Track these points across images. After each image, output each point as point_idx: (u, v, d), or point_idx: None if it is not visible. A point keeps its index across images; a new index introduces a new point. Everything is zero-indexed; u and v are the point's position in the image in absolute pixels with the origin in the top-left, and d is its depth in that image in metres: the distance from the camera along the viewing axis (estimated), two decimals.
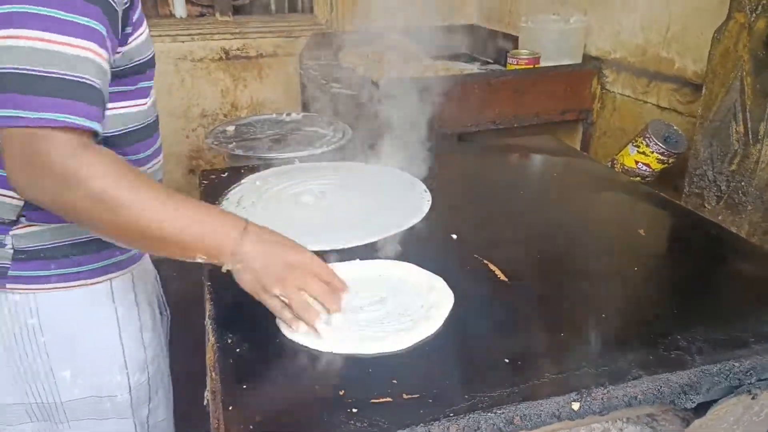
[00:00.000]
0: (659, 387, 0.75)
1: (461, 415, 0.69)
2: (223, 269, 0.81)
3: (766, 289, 0.96)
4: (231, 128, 2.01)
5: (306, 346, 0.81)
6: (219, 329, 0.84)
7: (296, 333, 0.82)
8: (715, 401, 0.80)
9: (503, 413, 0.71)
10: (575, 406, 0.73)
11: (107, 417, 1.03)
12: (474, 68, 2.58)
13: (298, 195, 1.32)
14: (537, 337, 0.83)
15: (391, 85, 1.93)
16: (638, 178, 1.46)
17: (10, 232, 0.90)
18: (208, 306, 0.92)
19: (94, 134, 0.73)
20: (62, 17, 0.70)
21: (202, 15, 2.78)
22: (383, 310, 0.90)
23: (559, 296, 0.95)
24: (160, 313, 1.15)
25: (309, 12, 2.92)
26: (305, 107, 2.84)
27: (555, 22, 2.16)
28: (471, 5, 3.06)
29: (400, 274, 1.00)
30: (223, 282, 0.97)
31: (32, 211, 0.88)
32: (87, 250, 0.94)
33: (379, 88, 1.97)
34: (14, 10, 0.68)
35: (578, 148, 2.18)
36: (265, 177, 1.43)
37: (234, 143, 1.83)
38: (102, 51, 0.74)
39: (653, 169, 1.43)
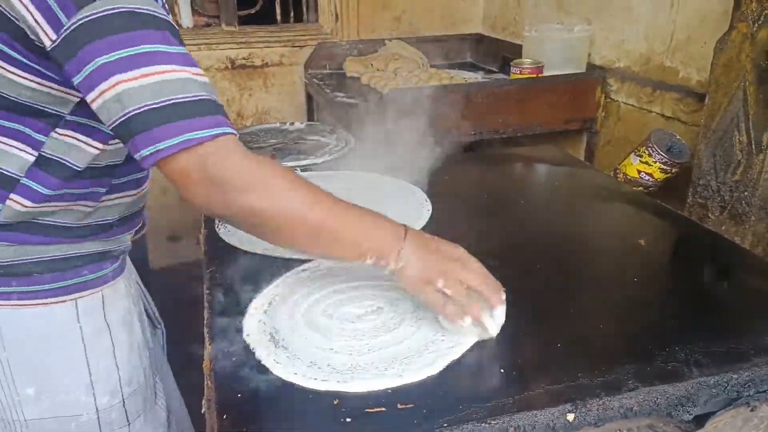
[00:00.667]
0: (655, 399, 0.75)
1: (455, 426, 0.69)
2: (386, 271, 0.84)
3: (766, 301, 0.95)
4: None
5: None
6: (215, 337, 0.85)
7: (462, 325, 0.81)
8: (713, 413, 0.79)
9: (497, 424, 0.70)
10: (570, 417, 0.72)
11: None
12: (478, 77, 2.58)
13: None
14: (534, 347, 0.83)
15: (394, 94, 1.93)
16: (641, 188, 1.45)
17: None
18: (205, 314, 0.92)
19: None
20: (176, 51, 0.75)
21: (208, 25, 2.80)
22: (379, 320, 0.90)
23: (557, 306, 0.94)
24: (154, 327, 1.14)
25: (314, 22, 2.94)
26: (310, 116, 2.87)
27: (559, 31, 2.16)
28: (476, 14, 3.07)
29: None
30: (219, 290, 0.98)
31: (6, 231, 0.87)
32: (51, 268, 0.92)
33: (383, 97, 1.98)
34: (139, 51, 0.72)
35: (582, 158, 2.18)
36: None
37: None
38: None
39: (656, 179, 1.42)
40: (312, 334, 0.87)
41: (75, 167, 0.88)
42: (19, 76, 0.80)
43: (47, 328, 0.94)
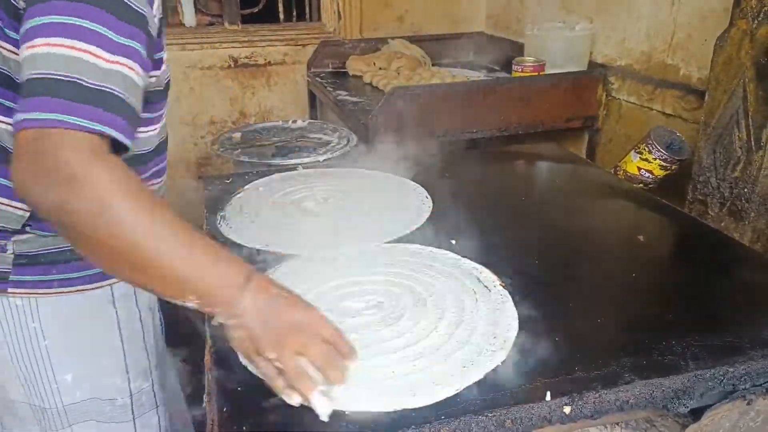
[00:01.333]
0: (651, 392, 0.76)
1: (453, 418, 0.70)
2: (214, 321, 0.72)
3: (763, 295, 0.96)
4: (237, 135, 2.04)
5: None
6: (216, 332, 0.86)
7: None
8: (709, 406, 0.80)
9: (494, 416, 0.71)
10: (567, 409, 0.73)
11: (107, 420, 1.03)
12: (481, 76, 2.59)
13: (300, 201, 1.34)
14: (531, 341, 0.83)
15: (396, 92, 1.94)
16: (641, 185, 1.46)
17: (12, 238, 0.91)
18: None
19: (114, 144, 0.70)
20: (105, 33, 0.70)
21: (211, 24, 2.82)
22: (380, 314, 0.91)
23: (556, 301, 0.95)
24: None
25: (317, 21, 2.95)
26: (313, 115, 2.88)
27: (560, 29, 2.16)
28: (479, 13, 3.07)
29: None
30: None
31: (38, 221, 0.89)
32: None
33: (385, 95, 1.99)
34: (69, 21, 0.68)
35: (584, 155, 2.18)
36: (268, 183, 1.45)
37: (240, 150, 1.85)
38: (138, 68, 0.73)
39: (656, 176, 1.43)
40: None
41: None
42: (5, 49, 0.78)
43: (86, 313, 0.97)
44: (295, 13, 2.95)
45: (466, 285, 0.99)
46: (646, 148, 1.42)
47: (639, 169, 1.45)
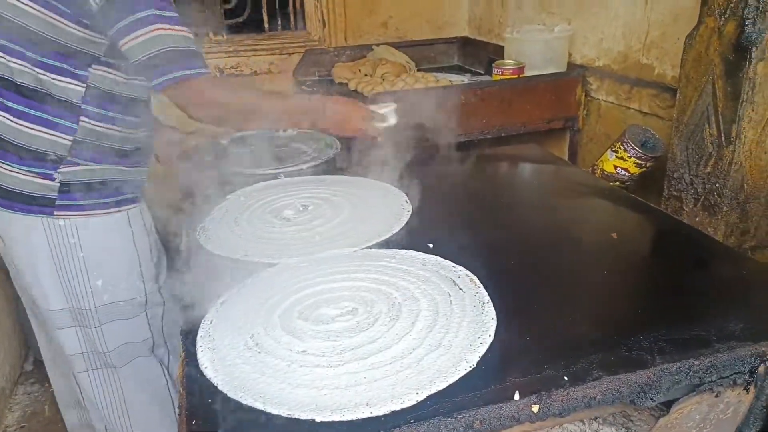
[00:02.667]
0: (618, 387, 0.77)
1: (421, 422, 0.71)
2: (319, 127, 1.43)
3: (733, 289, 0.97)
4: (224, 143, 2.04)
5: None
6: (190, 344, 0.87)
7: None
8: (678, 400, 0.81)
9: (463, 418, 0.72)
10: (535, 408, 0.75)
11: (128, 317, 1.36)
12: (464, 79, 2.61)
13: (280, 209, 1.35)
14: (502, 341, 0.85)
15: (378, 98, 1.96)
16: (618, 183, 1.48)
17: (58, 169, 1.22)
18: (180, 320, 0.95)
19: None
20: (171, 15, 1.15)
21: (195, 35, 2.83)
22: (354, 320, 0.93)
23: (528, 301, 0.97)
24: None
25: (302, 29, 2.97)
26: None
27: (540, 31, 2.19)
28: (461, 17, 3.10)
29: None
30: (195, 298, 1.00)
31: (79, 150, 1.23)
32: (109, 186, 1.28)
33: (367, 101, 2.01)
34: (151, 13, 1.11)
35: (566, 156, 2.21)
36: (249, 192, 1.47)
37: (223, 158, 1.86)
38: None
39: (632, 174, 1.45)
40: (286, 337, 0.89)
41: (118, 94, 1.26)
42: (67, 25, 1.14)
43: (111, 231, 1.31)
44: (280, 22, 2.97)
45: (441, 288, 1.00)
46: (622, 147, 1.44)
47: (615, 167, 1.47)
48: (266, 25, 2.91)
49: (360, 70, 2.71)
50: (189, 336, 0.90)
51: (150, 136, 1.42)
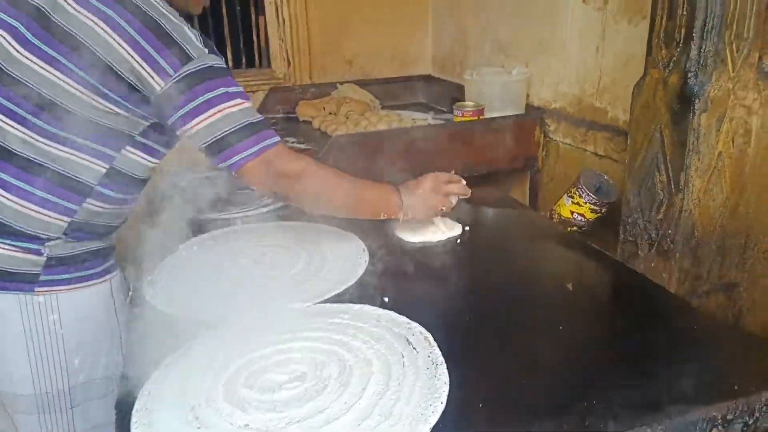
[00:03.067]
0: None
1: None
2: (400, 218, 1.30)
3: (684, 345, 0.98)
4: (183, 185, 2.01)
5: None
6: (125, 419, 0.83)
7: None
8: None
9: None
10: None
11: (101, 396, 1.24)
12: (428, 118, 2.63)
13: (234, 259, 1.33)
14: (453, 408, 0.82)
15: (339, 140, 1.96)
16: (575, 228, 1.50)
17: (47, 243, 1.12)
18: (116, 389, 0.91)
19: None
20: (238, 90, 1.11)
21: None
22: (302, 387, 0.90)
23: (481, 362, 0.95)
24: None
25: (267, 67, 2.98)
26: None
27: (498, 74, 2.23)
28: (426, 56, 3.15)
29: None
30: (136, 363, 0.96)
31: (74, 230, 1.14)
32: (97, 255, 1.20)
33: (327, 143, 2.01)
34: (216, 94, 1.07)
35: (527, 195, 2.23)
36: (203, 241, 1.44)
37: (181, 202, 1.82)
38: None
39: (588, 219, 1.47)
40: (228, 408, 0.85)
41: (137, 177, 1.20)
42: (106, 106, 1.07)
43: (94, 304, 1.21)
44: (244, 60, 2.97)
45: (394, 347, 0.98)
46: (577, 192, 1.46)
47: (572, 212, 1.49)
48: (230, 63, 2.90)
49: (324, 108, 2.72)
50: (124, 410, 0.86)
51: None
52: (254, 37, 2.94)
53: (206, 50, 1.08)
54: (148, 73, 1.04)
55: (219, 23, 2.87)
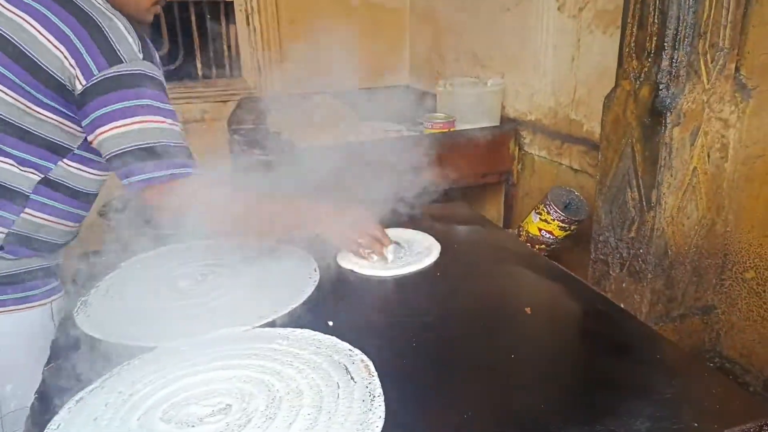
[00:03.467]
0: None
1: None
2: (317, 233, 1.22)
3: (645, 377, 0.89)
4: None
5: None
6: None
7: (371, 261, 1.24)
8: None
9: None
10: None
11: None
12: (403, 128, 2.57)
13: (176, 279, 1.23)
14: None
15: (305, 153, 1.88)
16: (543, 246, 1.41)
17: None
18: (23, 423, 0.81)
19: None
20: (164, 107, 1.03)
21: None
22: (224, 421, 0.80)
23: (423, 393, 0.86)
24: None
25: (238, 76, 2.90)
26: (235, 174, 2.78)
27: (472, 85, 2.17)
28: (403, 66, 3.09)
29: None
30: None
31: (15, 245, 1.08)
32: (37, 275, 1.14)
33: (295, 155, 1.92)
34: (137, 104, 0.99)
35: (502, 210, 2.16)
36: (146, 259, 1.34)
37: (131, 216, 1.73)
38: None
39: (556, 236, 1.39)
40: None
41: (81, 190, 1.14)
42: (39, 113, 1.01)
43: (32, 327, 1.14)
44: (214, 70, 2.89)
45: (331, 377, 0.89)
46: (545, 209, 1.39)
47: (540, 230, 1.41)
48: (200, 73, 2.83)
49: (297, 119, 2.64)
50: None
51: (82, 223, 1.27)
52: (225, 47, 2.86)
53: (141, 56, 1.01)
54: (75, 71, 0.98)
55: (188, 32, 2.79)
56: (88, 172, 1.14)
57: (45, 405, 0.86)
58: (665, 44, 1.21)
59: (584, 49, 1.78)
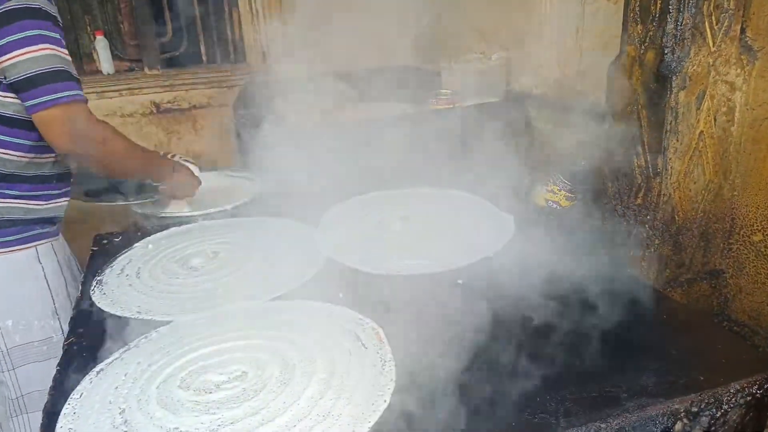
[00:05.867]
0: None
1: None
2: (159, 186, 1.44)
3: (651, 336, 0.90)
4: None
5: None
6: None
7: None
8: None
9: None
10: None
11: (45, 358, 1.31)
12: (408, 108, 2.56)
13: (188, 258, 1.26)
14: (397, 407, 0.76)
15: (313, 133, 1.89)
16: (551, 216, 1.42)
17: None
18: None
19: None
20: (51, 35, 1.17)
21: (131, 69, 2.74)
22: (240, 387, 0.83)
23: (431, 358, 0.88)
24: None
25: (242, 61, 2.90)
26: (241, 158, 2.80)
27: (476, 60, 2.16)
28: (407, 46, 3.07)
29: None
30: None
31: None
32: (16, 223, 1.28)
33: (299, 137, 1.93)
34: (42, 33, 1.15)
35: (512, 187, 2.15)
36: (158, 240, 1.36)
37: (139, 201, 1.75)
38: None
39: (563, 207, 1.39)
40: (160, 411, 0.79)
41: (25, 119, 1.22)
42: None
43: (20, 268, 1.28)
44: (219, 55, 2.89)
45: (342, 345, 0.91)
46: (551, 180, 1.39)
47: (546, 201, 1.42)
48: (204, 58, 2.83)
49: (302, 102, 2.65)
50: (52, 413, 0.79)
51: (66, 167, 1.38)
52: (228, 31, 2.86)
53: None
54: None
55: (191, 18, 2.79)
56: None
57: (66, 377, 0.89)
58: (670, 7, 1.20)
59: (588, 18, 1.76)
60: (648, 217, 1.29)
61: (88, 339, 1.00)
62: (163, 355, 0.92)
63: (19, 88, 1.15)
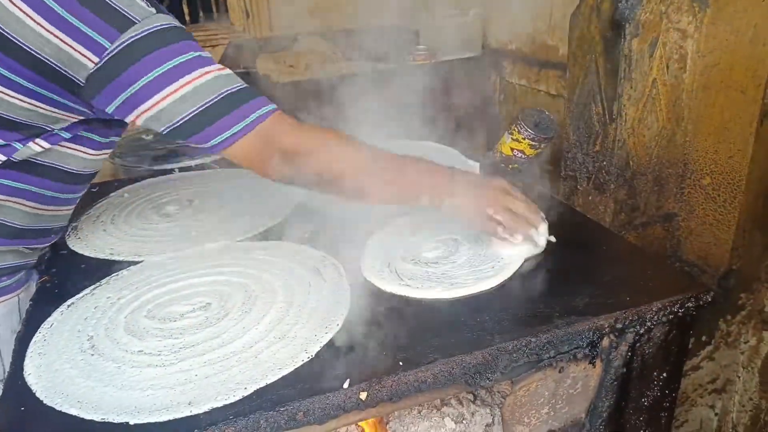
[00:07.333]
0: (451, 369, 0.76)
1: (241, 417, 0.69)
2: (443, 207, 0.95)
3: (592, 268, 0.96)
4: (149, 137, 1.97)
5: None
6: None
7: (515, 244, 0.96)
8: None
9: (285, 410, 0.70)
10: (363, 395, 0.73)
11: None
12: (390, 65, 2.58)
13: (163, 205, 1.31)
14: (348, 329, 0.83)
15: (284, 88, 1.92)
16: (516, 166, 1.47)
17: None
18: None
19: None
20: (205, 56, 0.86)
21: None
22: (203, 316, 0.89)
23: (381, 291, 0.94)
24: None
25: (225, 21, 2.90)
26: None
27: (453, 16, 2.18)
28: (390, 4, 3.07)
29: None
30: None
31: None
32: (4, 272, 1.02)
33: (277, 92, 1.96)
34: (189, 58, 0.83)
35: (486, 140, 2.20)
36: (135, 189, 1.42)
37: (122, 156, 1.80)
38: None
39: (527, 156, 1.44)
40: (126, 338, 0.85)
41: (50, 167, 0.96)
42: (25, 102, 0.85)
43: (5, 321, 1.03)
44: (202, 14, 2.89)
45: (303, 278, 0.97)
46: (516, 129, 1.44)
47: (512, 149, 1.47)
48: (187, 18, 2.83)
49: (285, 61, 2.66)
50: (23, 342, 0.85)
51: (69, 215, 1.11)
52: None
53: (153, 10, 0.82)
54: (77, 51, 0.79)
55: None
56: (84, 152, 1.00)
57: (38, 310, 0.95)
58: None
59: None
60: (604, 163, 1.35)
61: (60, 278, 1.05)
62: (132, 290, 0.98)
63: (186, 130, 0.85)
